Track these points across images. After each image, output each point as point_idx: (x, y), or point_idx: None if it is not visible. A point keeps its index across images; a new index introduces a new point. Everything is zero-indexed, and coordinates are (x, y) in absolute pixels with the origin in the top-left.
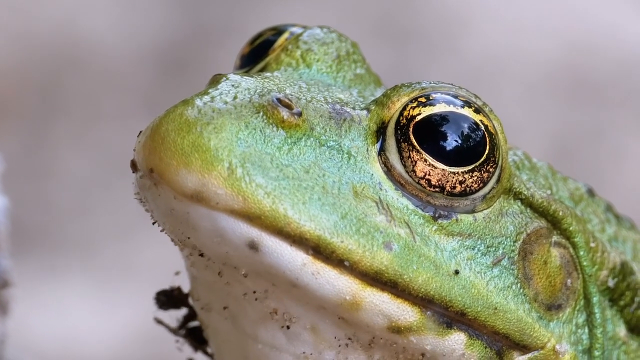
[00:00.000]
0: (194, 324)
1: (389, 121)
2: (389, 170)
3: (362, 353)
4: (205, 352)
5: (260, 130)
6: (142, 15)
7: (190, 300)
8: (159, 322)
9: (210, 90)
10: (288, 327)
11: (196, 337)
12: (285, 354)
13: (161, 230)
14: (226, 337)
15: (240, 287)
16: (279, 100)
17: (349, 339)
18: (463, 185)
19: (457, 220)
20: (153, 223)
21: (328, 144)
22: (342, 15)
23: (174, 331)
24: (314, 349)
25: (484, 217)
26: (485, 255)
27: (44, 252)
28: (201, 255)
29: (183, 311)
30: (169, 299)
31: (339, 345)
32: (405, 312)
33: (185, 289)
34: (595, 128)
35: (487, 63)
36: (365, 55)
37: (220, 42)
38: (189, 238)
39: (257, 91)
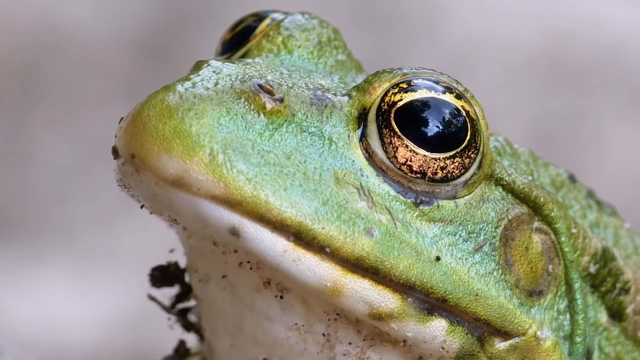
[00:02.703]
0: (184, 305)
1: (370, 107)
2: (370, 156)
3: (351, 328)
4: (197, 332)
5: (242, 116)
6: (121, 1)
7: (186, 276)
8: (152, 298)
9: (191, 76)
10: (281, 297)
11: (186, 318)
12: (279, 325)
13: (150, 213)
14: (222, 308)
15: (235, 257)
16: (260, 86)
17: (337, 314)
18: (444, 171)
19: (438, 206)
20: (141, 207)
21: (309, 130)
22: (321, 1)
23: (167, 309)
24: (305, 321)
25: (465, 203)
26: (466, 242)
27: (24, 238)
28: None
29: (174, 291)
30: (164, 275)
31: (329, 320)
32: (386, 299)
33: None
34: (574, 113)
35: (467, 48)
36: (344, 41)
37: (199, 28)
38: (176, 220)
39: (239, 77)
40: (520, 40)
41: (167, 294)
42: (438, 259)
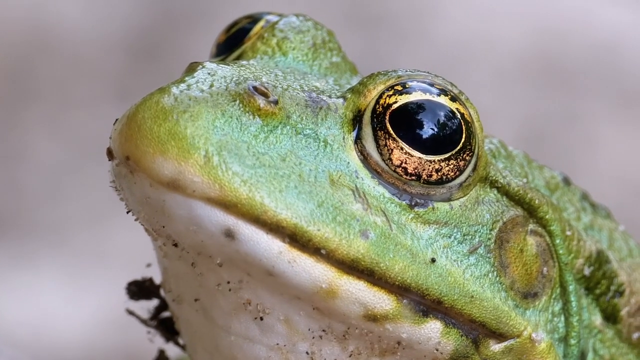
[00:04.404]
0: (165, 314)
1: (365, 109)
2: (365, 158)
3: (336, 345)
4: (177, 343)
5: (237, 119)
6: (113, 1)
7: (162, 292)
8: (130, 313)
9: (186, 78)
10: (261, 319)
11: (168, 328)
12: (259, 345)
13: (135, 219)
14: (198, 329)
15: (213, 278)
16: (255, 88)
17: (323, 330)
18: (439, 174)
19: (433, 208)
20: (127, 212)
21: (304, 132)
22: (313, 1)
23: (145, 322)
24: (287, 340)
25: (460, 206)
26: (461, 244)
27: (15, 238)
28: (175, 245)
29: (155, 302)
30: (140, 289)
31: (313, 337)
32: (381, 301)
33: (157, 279)
34: (566, 114)
35: (458, 49)
36: (339, 43)
37: (190, 28)
38: (163, 227)
39: (234, 79)
40: (512, 41)
41: (147, 304)
42: (433, 260)
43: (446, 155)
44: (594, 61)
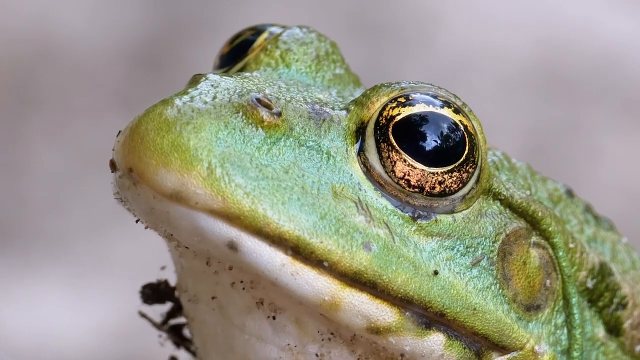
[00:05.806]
0: (176, 321)
1: (368, 121)
2: (368, 170)
3: (344, 348)
4: (187, 349)
5: (240, 130)
6: (116, 10)
7: (177, 294)
8: (143, 315)
9: (189, 90)
10: (274, 318)
11: (178, 334)
12: (271, 346)
13: (145, 227)
14: (212, 329)
15: (228, 277)
16: (258, 100)
17: (332, 333)
18: (442, 186)
19: (436, 220)
20: (136, 221)
21: (307, 144)
22: (316, 12)
23: (158, 326)
24: (298, 341)
25: (463, 218)
26: (464, 256)
27: (18, 247)
28: (187, 247)
29: (166, 307)
30: (154, 292)
31: (322, 340)
32: (384, 313)
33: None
34: (569, 124)
35: (461, 59)
36: (342, 54)
37: (193, 39)
38: (172, 235)
39: (237, 91)
40: (514, 51)
41: (160, 309)
42: (436, 273)
43: (449, 168)
44: (597, 71)
